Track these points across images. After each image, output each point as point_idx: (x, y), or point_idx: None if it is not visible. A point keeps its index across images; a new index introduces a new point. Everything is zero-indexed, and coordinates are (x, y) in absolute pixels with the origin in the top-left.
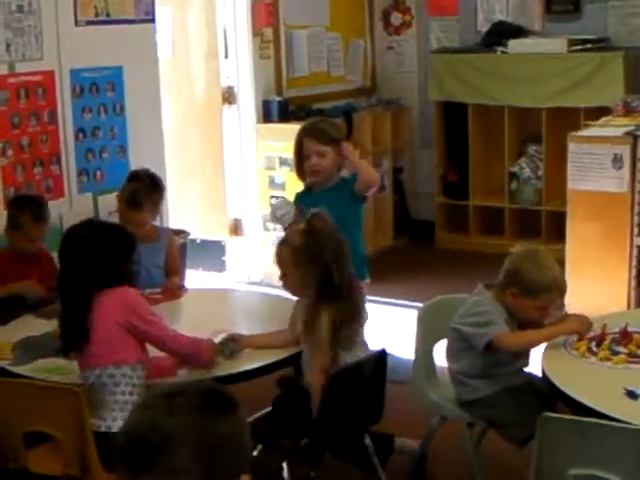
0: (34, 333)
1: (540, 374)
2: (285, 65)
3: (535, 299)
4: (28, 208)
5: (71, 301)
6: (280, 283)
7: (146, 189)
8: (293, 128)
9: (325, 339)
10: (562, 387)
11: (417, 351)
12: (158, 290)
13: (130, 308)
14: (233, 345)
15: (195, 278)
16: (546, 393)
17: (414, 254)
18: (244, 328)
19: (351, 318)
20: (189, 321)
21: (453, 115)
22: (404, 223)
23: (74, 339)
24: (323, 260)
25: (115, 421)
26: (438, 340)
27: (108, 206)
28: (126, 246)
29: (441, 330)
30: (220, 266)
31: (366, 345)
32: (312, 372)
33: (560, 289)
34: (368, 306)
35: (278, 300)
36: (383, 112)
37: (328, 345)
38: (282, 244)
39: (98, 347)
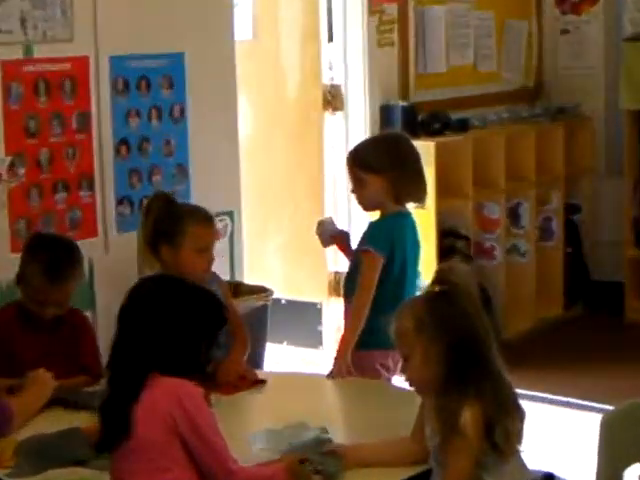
0: (46, 430)
1: None
2: (414, 56)
3: None
4: (42, 260)
5: (121, 380)
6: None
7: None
8: (423, 146)
9: (472, 445)
10: None
11: (599, 475)
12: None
13: (183, 408)
14: (333, 462)
15: (278, 355)
16: None
17: (594, 330)
18: (346, 434)
19: (505, 412)
20: (265, 421)
21: None
22: (580, 285)
23: (112, 432)
24: (459, 330)
25: None
26: (633, 462)
27: None
28: (214, 320)
29: (637, 448)
30: (314, 339)
31: (525, 466)
32: None
33: None
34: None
35: (397, 393)
36: (552, 126)
37: (475, 454)
38: (401, 312)
39: (138, 453)
